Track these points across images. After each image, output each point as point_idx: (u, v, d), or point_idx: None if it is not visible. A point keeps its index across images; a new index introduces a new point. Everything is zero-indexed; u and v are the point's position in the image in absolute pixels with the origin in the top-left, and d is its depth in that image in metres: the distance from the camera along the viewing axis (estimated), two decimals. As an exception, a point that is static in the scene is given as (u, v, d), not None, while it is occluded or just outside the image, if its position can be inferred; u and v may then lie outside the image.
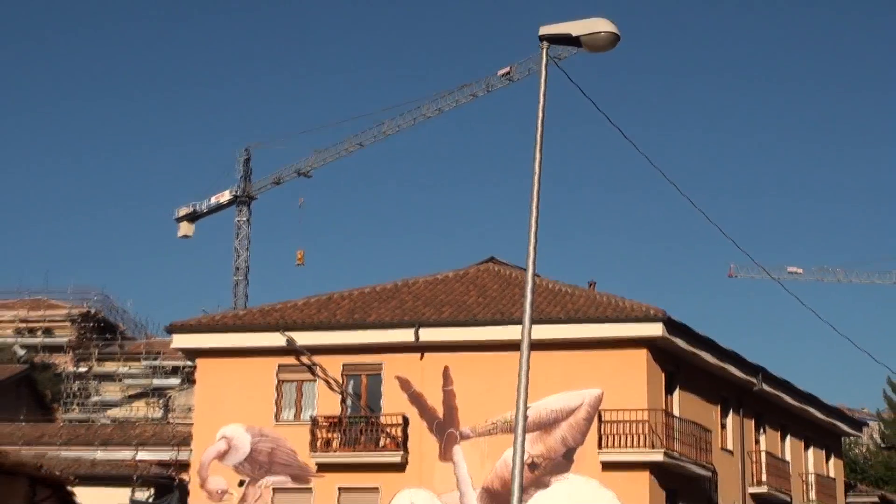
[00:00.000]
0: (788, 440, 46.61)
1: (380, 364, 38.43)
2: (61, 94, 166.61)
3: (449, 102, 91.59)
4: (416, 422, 37.71)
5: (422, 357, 38.03)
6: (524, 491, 18.94)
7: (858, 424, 58.78)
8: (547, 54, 18.88)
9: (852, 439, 61.31)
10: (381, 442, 37.75)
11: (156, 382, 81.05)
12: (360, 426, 38.20)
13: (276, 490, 38.20)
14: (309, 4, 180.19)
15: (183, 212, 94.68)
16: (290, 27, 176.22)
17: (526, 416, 18.78)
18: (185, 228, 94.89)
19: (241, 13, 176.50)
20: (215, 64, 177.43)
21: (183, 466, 42.24)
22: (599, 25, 17.73)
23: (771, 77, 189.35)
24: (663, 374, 37.75)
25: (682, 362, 38.85)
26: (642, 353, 36.92)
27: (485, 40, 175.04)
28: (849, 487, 52.79)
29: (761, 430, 44.34)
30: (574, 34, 18.03)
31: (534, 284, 19.44)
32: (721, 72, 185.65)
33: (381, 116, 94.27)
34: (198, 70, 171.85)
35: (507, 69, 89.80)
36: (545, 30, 18.32)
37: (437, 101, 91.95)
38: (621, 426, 36.14)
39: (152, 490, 43.74)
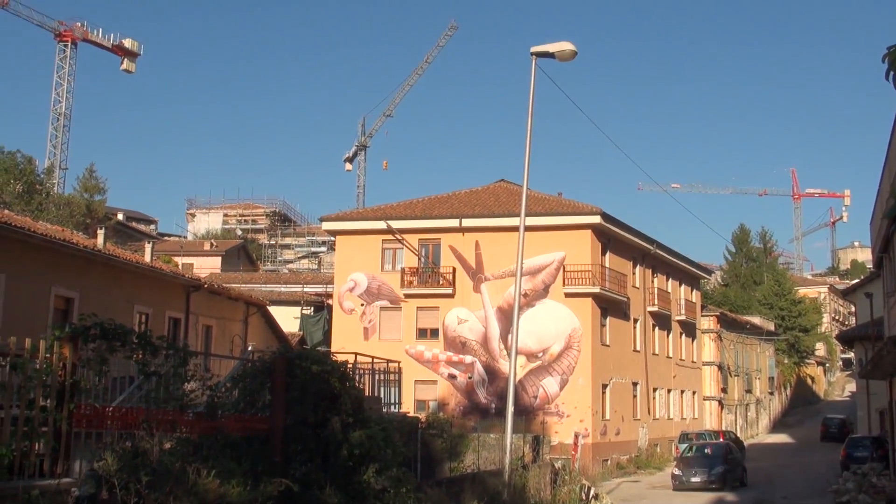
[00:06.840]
0: (669, 281, 46.45)
1: (439, 239, 38.35)
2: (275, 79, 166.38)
3: (416, 74, 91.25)
4: (460, 271, 37.82)
5: (463, 235, 37.94)
6: (519, 309, 19.09)
7: (709, 271, 58.71)
8: (535, 63, 18.50)
9: (705, 279, 61.00)
10: (440, 282, 37.94)
11: (313, 249, 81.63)
12: (428, 273, 38.30)
13: (382, 308, 38.60)
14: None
15: (345, 156, 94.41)
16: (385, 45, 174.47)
17: (522, 268, 18.87)
18: (347, 166, 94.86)
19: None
20: (350, 75, 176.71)
21: (329, 296, 42.59)
22: (566, 45, 17.39)
23: (673, 35, 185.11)
24: (600, 244, 37.54)
25: (611, 237, 38.60)
26: (588, 232, 36.68)
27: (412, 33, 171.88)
28: (703, 307, 52.66)
29: (655, 275, 44.21)
30: (551, 51, 17.69)
31: (526, 195, 19.38)
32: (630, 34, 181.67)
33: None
34: (341, 75, 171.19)
35: (426, 56, 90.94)
36: (535, 49, 17.94)
37: (413, 76, 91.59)
38: (576, 273, 36.15)
39: (312, 309, 44.27)
